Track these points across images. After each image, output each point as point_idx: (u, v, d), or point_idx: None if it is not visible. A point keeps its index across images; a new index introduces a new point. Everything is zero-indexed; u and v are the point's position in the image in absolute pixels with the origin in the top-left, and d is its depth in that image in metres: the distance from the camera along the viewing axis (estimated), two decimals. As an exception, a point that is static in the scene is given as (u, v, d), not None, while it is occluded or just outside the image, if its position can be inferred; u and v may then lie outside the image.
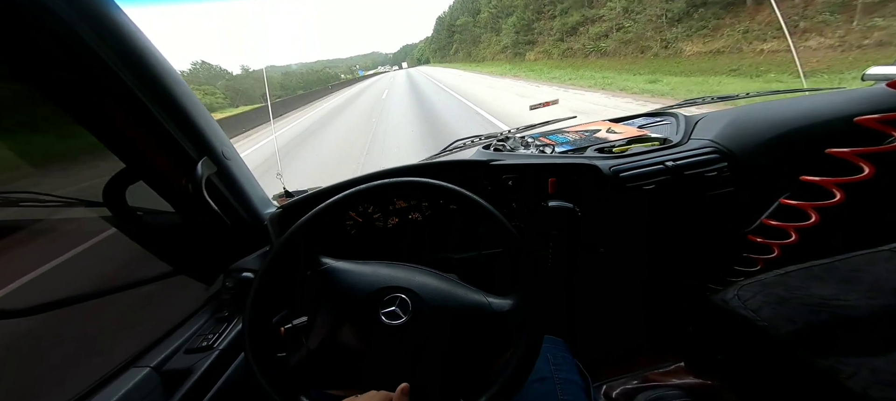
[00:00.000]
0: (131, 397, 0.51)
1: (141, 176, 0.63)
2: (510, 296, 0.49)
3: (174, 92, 0.60)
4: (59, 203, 0.68)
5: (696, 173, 0.78)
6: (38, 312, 0.62)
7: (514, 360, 0.45)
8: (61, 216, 0.76)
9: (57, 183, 0.71)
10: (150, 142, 0.60)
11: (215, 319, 0.68)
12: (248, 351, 0.45)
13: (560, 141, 1.04)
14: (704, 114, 1.00)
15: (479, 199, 0.50)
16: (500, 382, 0.44)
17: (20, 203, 0.68)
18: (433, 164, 0.93)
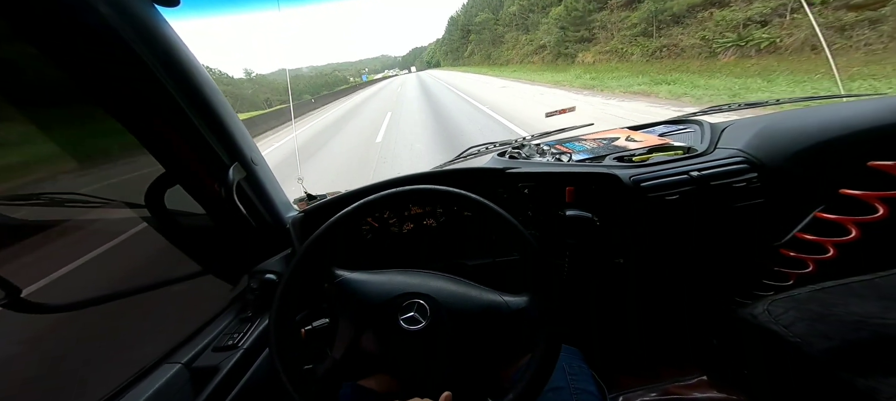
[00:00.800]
0: (163, 392, 0.54)
1: (179, 180, 0.67)
2: (525, 293, 0.50)
3: (212, 101, 0.64)
4: (102, 204, 0.73)
5: (724, 184, 0.75)
6: (78, 308, 0.66)
7: (535, 359, 0.45)
8: (103, 216, 0.81)
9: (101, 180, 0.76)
10: (188, 147, 0.64)
11: (239, 318, 0.71)
12: (276, 358, 0.46)
13: (577, 149, 1.03)
14: (731, 121, 0.97)
15: (495, 206, 0.51)
16: (523, 382, 0.45)
17: (65, 203, 0.73)
18: (449, 171, 0.93)
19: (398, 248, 0.91)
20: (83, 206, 0.73)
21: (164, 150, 0.63)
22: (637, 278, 0.89)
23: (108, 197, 0.76)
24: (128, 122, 0.59)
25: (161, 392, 0.53)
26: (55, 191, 0.72)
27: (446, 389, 0.46)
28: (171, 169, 0.66)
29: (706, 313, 0.89)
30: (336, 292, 0.51)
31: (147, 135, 0.62)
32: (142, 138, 0.61)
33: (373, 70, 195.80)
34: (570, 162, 0.93)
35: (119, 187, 0.78)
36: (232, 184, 0.67)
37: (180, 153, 0.64)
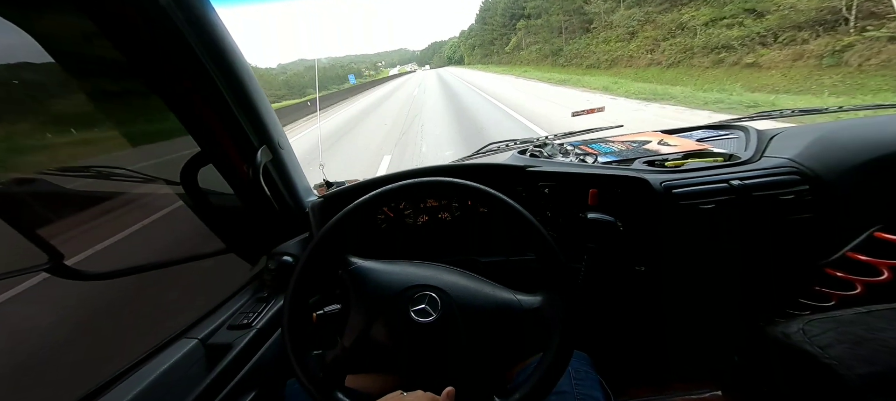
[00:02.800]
0: (180, 365, 0.56)
1: (212, 159, 0.70)
2: (540, 292, 0.49)
3: (247, 84, 0.67)
4: (143, 179, 0.78)
5: (768, 196, 0.69)
6: (113, 277, 0.71)
7: (545, 360, 0.45)
8: (143, 191, 0.86)
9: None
10: (223, 128, 0.67)
11: (256, 298, 0.73)
12: (287, 340, 0.47)
13: (603, 150, 0.98)
14: (781, 128, 0.88)
15: (514, 202, 0.50)
16: (531, 382, 0.44)
17: (111, 177, 0.78)
18: (468, 165, 0.92)
19: (411, 239, 0.90)
20: (126, 180, 0.79)
21: (201, 129, 0.67)
22: (657, 287, 0.84)
23: (147, 174, 0.81)
24: (171, 100, 0.63)
25: (177, 366, 0.55)
26: (102, 165, 0.78)
27: (452, 384, 0.45)
28: (206, 148, 0.69)
29: (729, 328, 0.84)
30: (349, 280, 0.51)
31: (187, 113, 0.65)
32: (182, 117, 0.65)
33: (389, 64, 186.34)
34: (595, 164, 0.88)
35: (157, 168, 0.84)
36: (260, 165, 0.69)
37: (216, 133, 0.67)
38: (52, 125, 0.94)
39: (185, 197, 0.73)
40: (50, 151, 0.92)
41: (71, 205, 0.87)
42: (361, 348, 0.48)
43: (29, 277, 0.87)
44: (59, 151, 0.94)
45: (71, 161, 0.90)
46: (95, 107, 0.87)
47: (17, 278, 0.92)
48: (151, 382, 0.52)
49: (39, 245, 0.61)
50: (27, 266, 0.61)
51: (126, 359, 0.57)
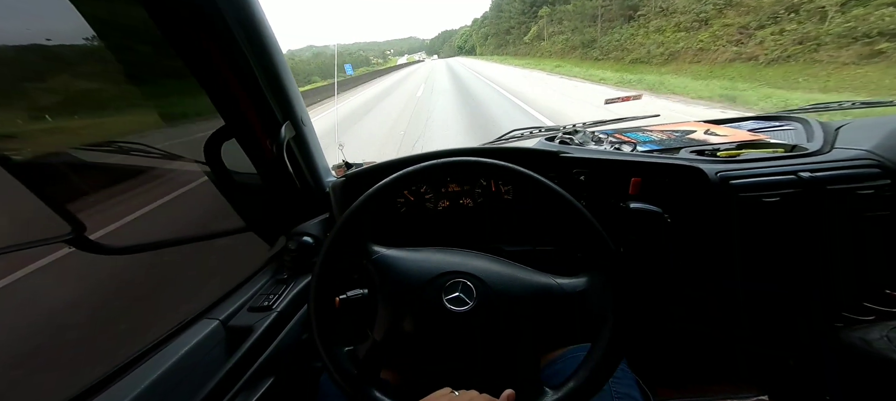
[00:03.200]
0: (201, 346, 0.54)
1: (235, 133, 0.68)
2: (583, 274, 0.46)
3: (275, 57, 0.64)
4: (164, 155, 0.76)
5: (844, 189, 0.61)
6: (134, 251, 0.69)
7: (598, 348, 0.41)
8: (164, 167, 0.85)
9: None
10: (249, 100, 0.65)
11: (275, 280, 0.71)
12: (318, 338, 0.44)
13: (642, 139, 0.91)
14: (846, 121, 0.80)
15: (557, 186, 0.47)
16: (585, 371, 0.41)
17: (131, 152, 0.77)
18: (497, 149, 0.87)
19: (431, 226, 0.87)
20: (147, 156, 0.77)
21: (227, 100, 0.64)
22: (704, 284, 0.78)
23: (168, 150, 0.80)
24: (198, 67, 0.61)
25: (199, 346, 0.54)
26: (126, 140, 0.76)
27: (489, 375, 0.42)
28: (230, 122, 0.67)
29: (784, 330, 0.77)
30: (374, 270, 0.48)
31: (213, 82, 0.63)
32: (208, 86, 0.63)
33: (398, 52, 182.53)
34: (635, 152, 0.82)
35: (180, 148, 0.82)
36: (283, 141, 0.67)
37: (241, 104, 0.65)
38: (80, 99, 0.93)
39: (209, 173, 0.71)
40: (78, 124, 0.92)
41: (93, 179, 0.87)
42: (393, 340, 0.45)
43: (54, 250, 0.87)
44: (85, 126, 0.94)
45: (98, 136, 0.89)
46: (125, 79, 0.85)
47: (43, 251, 0.93)
48: (174, 363, 0.50)
49: (63, 216, 0.60)
50: (50, 237, 0.60)
51: (147, 336, 0.56)
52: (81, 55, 0.82)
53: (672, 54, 11.62)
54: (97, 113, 0.95)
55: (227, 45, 0.59)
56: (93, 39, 0.69)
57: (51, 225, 0.59)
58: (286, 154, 0.69)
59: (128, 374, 0.49)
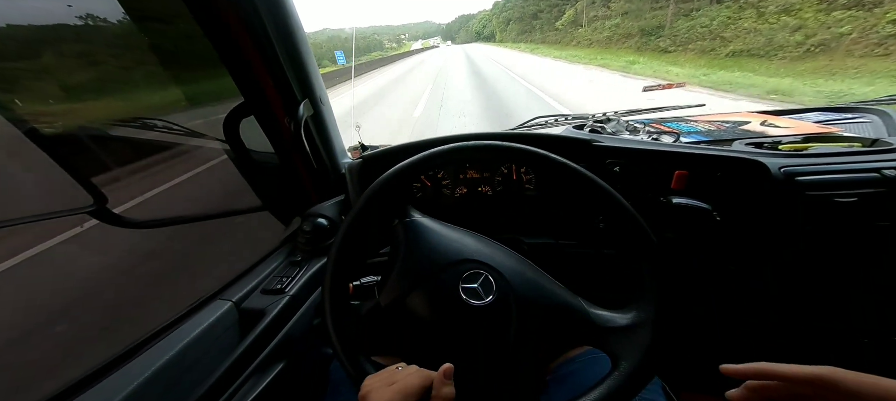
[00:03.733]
0: (214, 327, 0.53)
1: (254, 110, 0.67)
2: (631, 311, 0.41)
3: (296, 34, 0.63)
4: (186, 132, 0.76)
5: None
6: (153, 226, 0.70)
7: (616, 378, 0.38)
8: (185, 144, 0.85)
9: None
10: (269, 76, 0.63)
11: (289, 262, 0.69)
12: (330, 324, 0.42)
13: (686, 130, 0.82)
14: None
15: (609, 186, 0.43)
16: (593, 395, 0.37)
17: (155, 128, 0.77)
18: (524, 134, 0.81)
19: (447, 212, 0.83)
20: (170, 132, 0.77)
21: (247, 76, 0.63)
22: (747, 289, 0.70)
23: (190, 128, 0.79)
24: (220, 42, 0.59)
25: (212, 327, 0.53)
26: (149, 117, 0.77)
27: (489, 378, 0.39)
28: (249, 98, 0.65)
29: (839, 341, 0.69)
30: (403, 232, 0.46)
31: (235, 58, 0.61)
32: (229, 62, 0.61)
33: (413, 36, 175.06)
34: (679, 143, 0.74)
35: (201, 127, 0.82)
36: (301, 119, 0.66)
37: (261, 81, 0.63)
38: (107, 75, 0.95)
39: (228, 150, 0.70)
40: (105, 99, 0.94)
41: (117, 153, 0.89)
42: (397, 312, 0.42)
43: (77, 222, 0.90)
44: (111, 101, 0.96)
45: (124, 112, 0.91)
46: (150, 54, 0.86)
47: (66, 224, 0.97)
48: (187, 343, 0.50)
49: (86, 188, 0.60)
50: (73, 208, 0.61)
51: (163, 313, 0.56)
52: (107, 32, 0.82)
53: (822, 46, 7.00)
54: (122, 90, 0.96)
55: (250, 18, 0.57)
56: (121, 17, 0.68)
57: (75, 196, 0.60)
58: (304, 133, 0.67)
59: (144, 351, 0.49)
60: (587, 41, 19.98)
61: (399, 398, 0.31)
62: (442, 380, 0.33)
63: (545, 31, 32.86)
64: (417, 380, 0.33)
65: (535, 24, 37.10)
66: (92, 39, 0.89)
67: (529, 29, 40.05)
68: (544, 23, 33.86)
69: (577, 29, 23.48)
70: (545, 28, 33.12)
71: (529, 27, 39.79)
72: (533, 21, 38.48)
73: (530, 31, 39.70)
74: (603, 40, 17.90)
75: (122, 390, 0.42)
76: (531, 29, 39.28)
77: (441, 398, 0.32)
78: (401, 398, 0.31)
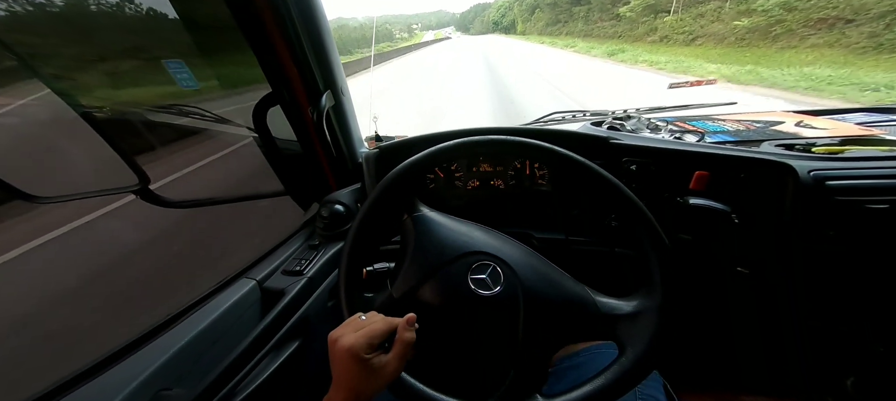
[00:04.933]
0: (239, 304, 0.57)
1: (280, 100, 0.70)
2: (636, 298, 0.42)
3: (321, 26, 0.65)
4: (216, 119, 0.81)
5: None
6: (188, 206, 0.76)
7: (618, 367, 0.38)
8: (217, 129, 0.90)
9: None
10: (295, 68, 0.66)
11: (307, 245, 0.73)
12: (344, 306, 0.44)
13: (712, 129, 0.79)
14: None
15: (620, 183, 0.43)
16: (593, 386, 0.38)
17: (190, 115, 0.82)
18: (540, 130, 0.80)
19: (459, 204, 0.85)
20: (203, 119, 0.83)
21: (275, 67, 0.66)
22: (757, 292, 0.68)
23: (219, 114, 0.85)
24: (251, 34, 0.62)
25: (237, 304, 0.57)
26: (183, 104, 0.82)
27: (494, 365, 0.41)
28: (276, 89, 0.68)
29: (852, 348, 0.67)
30: (412, 227, 0.48)
31: (265, 50, 0.64)
32: (259, 53, 0.64)
33: (426, 26, 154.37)
34: (702, 143, 0.71)
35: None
36: (324, 109, 0.68)
37: (287, 73, 0.66)
38: (150, 60, 1.02)
39: (256, 138, 0.74)
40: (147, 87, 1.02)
41: (156, 136, 0.96)
42: (409, 303, 0.44)
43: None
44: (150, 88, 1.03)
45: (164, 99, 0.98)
46: (189, 47, 0.91)
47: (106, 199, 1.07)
48: (215, 318, 0.53)
49: (133, 168, 0.66)
50: (121, 186, 0.67)
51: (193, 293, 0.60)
52: (154, 24, 0.88)
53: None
54: (163, 77, 1.03)
55: (280, 11, 0.59)
56: (168, 12, 0.73)
57: (123, 175, 0.66)
58: (325, 123, 0.69)
59: (178, 323, 0.52)
60: (682, 35, 12.18)
61: (365, 340, 0.33)
62: (405, 326, 0.36)
63: (589, 22, 22.47)
64: (383, 325, 0.35)
65: (577, 12, 25.40)
66: (141, 30, 0.96)
67: (568, 17, 28.32)
68: (589, 11, 22.71)
69: (655, 18, 14.07)
70: (589, 18, 22.44)
71: (568, 15, 28.09)
72: (573, 7, 26.78)
73: (566, 22, 28.62)
74: (714, 35, 10.94)
75: (157, 360, 0.46)
76: (570, 17, 27.69)
77: (403, 341, 0.35)
78: (367, 340, 0.33)
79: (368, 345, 0.33)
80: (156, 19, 0.88)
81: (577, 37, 22.60)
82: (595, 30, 21.20)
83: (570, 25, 27.38)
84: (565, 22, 29.59)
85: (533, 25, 41.90)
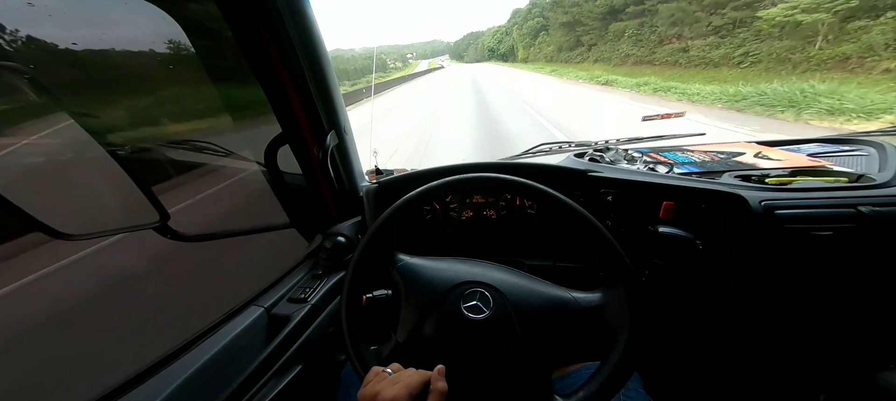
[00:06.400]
0: (248, 331, 0.61)
1: (289, 140, 0.77)
2: (599, 289, 0.48)
3: (326, 71, 0.72)
4: (228, 154, 0.88)
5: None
6: (203, 239, 0.81)
7: (612, 358, 0.43)
8: (228, 165, 0.98)
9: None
10: (303, 111, 0.74)
11: (311, 274, 0.78)
12: (346, 332, 0.49)
13: (680, 160, 0.86)
14: None
15: (573, 202, 0.49)
16: (598, 380, 0.43)
17: (203, 150, 0.90)
18: (522, 165, 0.88)
19: (455, 234, 0.90)
20: (215, 154, 0.90)
21: (285, 110, 0.74)
22: (735, 314, 0.73)
23: (231, 150, 0.92)
24: (266, 81, 0.70)
25: (246, 331, 0.61)
26: (197, 139, 0.89)
27: (506, 382, 0.44)
28: (286, 129, 0.76)
29: (819, 366, 0.71)
30: (399, 277, 0.52)
31: (277, 95, 0.72)
32: (272, 98, 0.72)
33: (421, 55, 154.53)
34: (671, 174, 0.78)
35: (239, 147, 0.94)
36: (328, 148, 0.75)
37: (296, 115, 0.74)
38: (172, 101, 1.10)
39: (265, 174, 0.81)
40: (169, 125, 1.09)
41: (173, 171, 1.03)
42: (415, 343, 0.49)
43: None
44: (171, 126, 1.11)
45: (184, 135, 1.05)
46: (209, 90, 0.99)
47: None
48: (225, 345, 0.56)
49: (154, 204, 0.72)
50: (142, 223, 0.73)
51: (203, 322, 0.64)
52: (176, 64, 0.96)
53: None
54: (183, 117, 1.11)
55: (290, 60, 0.67)
56: (185, 51, 0.81)
57: (144, 212, 0.71)
58: (329, 160, 0.76)
59: (189, 351, 0.56)
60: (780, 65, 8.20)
61: (405, 393, 0.36)
62: (437, 377, 0.40)
63: (610, 47, 16.79)
64: (418, 377, 0.39)
65: (619, 31, 17.11)
66: (162, 70, 1.04)
67: (573, 43, 21.61)
68: (647, 24, 15.26)
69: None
70: (645, 35, 15.26)
71: (594, 36, 19.81)
72: (609, 23, 18.03)
73: (574, 47, 21.57)
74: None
75: (169, 386, 0.48)
76: (577, 43, 21.04)
77: (438, 391, 0.38)
78: (407, 393, 0.36)
79: (409, 396, 0.36)
80: (185, 67, 0.96)
81: (609, 64, 15.07)
82: (609, 57, 15.50)
83: (600, 49, 18.75)
84: (573, 48, 22.02)
85: (537, 52, 34.81)
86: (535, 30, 36.90)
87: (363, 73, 40.00)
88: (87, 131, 0.72)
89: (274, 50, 0.66)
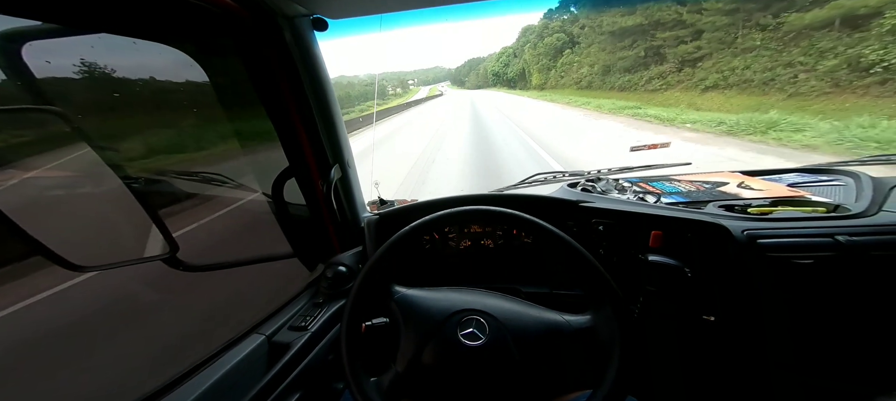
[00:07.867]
0: (248, 359, 0.62)
1: (295, 173, 0.81)
2: (589, 311, 0.50)
3: (332, 108, 0.78)
4: (236, 186, 0.93)
5: (889, 257, 0.56)
6: (209, 269, 0.84)
7: (608, 376, 0.44)
8: (234, 196, 1.02)
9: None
10: (310, 146, 0.79)
11: (312, 303, 0.80)
12: (346, 361, 0.50)
13: (668, 190, 0.90)
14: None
15: (563, 233, 0.51)
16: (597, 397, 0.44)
17: (212, 181, 0.94)
18: (517, 196, 0.92)
19: (453, 263, 0.93)
20: (223, 185, 0.94)
21: (293, 145, 0.79)
22: (727, 340, 0.74)
23: (239, 182, 0.96)
24: (277, 120, 0.76)
25: (247, 359, 0.62)
26: (206, 171, 0.94)
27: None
28: (293, 163, 0.80)
29: (807, 391, 0.70)
30: (397, 309, 0.54)
31: (286, 132, 0.77)
32: (282, 136, 0.77)
33: (423, 81, 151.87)
34: (659, 204, 0.82)
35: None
36: (332, 181, 0.79)
37: (303, 150, 0.79)
38: (185, 134, 1.17)
39: (271, 205, 0.85)
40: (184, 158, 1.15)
41: (182, 199, 1.07)
42: (414, 372, 0.50)
43: None
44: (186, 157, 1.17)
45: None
46: (220, 125, 1.05)
47: None
48: (226, 372, 0.58)
49: (165, 236, 0.75)
50: (153, 255, 0.76)
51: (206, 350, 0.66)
52: (194, 101, 1.03)
53: None
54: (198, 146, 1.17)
55: (302, 105, 0.73)
56: (202, 88, 0.87)
57: (156, 243, 0.74)
58: (332, 192, 0.80)
59: (191, 378, 0.57)
60: None
61: None
62: None
63: (690, 71, 11.39)
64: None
65: (696, 53, 10.47)
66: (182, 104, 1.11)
67: (653, 57, 13.42)
68: (662, 61, 11.16)
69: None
70: (723, 64, 9.89)
71: (657, 58, 13.10)
72: (684, 41, 11.15)
73: (675, 62, 12.23)
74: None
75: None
76: (659, 58, 13.19)
77: None
78: None
79: None
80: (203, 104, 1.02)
81: (725, 93, 9.74)
82: (689, 84, 10.50)
83: (714, 63, 10.77)
84: (687, 61, 11.94)
85: (560, 75, 24.54)
86: (555, 47, 26.17)
87: (359, 100, 35.01)
88: (105, 162, 0.74)
89: (291, 101, 0.73)
